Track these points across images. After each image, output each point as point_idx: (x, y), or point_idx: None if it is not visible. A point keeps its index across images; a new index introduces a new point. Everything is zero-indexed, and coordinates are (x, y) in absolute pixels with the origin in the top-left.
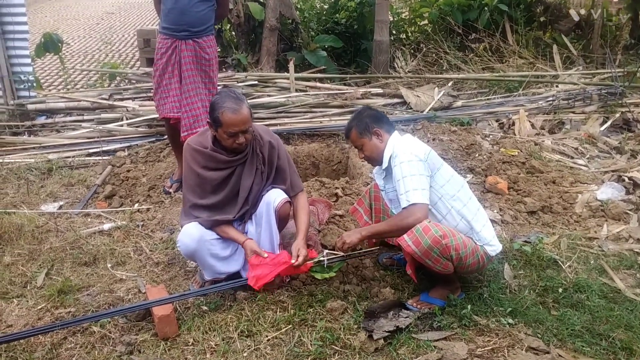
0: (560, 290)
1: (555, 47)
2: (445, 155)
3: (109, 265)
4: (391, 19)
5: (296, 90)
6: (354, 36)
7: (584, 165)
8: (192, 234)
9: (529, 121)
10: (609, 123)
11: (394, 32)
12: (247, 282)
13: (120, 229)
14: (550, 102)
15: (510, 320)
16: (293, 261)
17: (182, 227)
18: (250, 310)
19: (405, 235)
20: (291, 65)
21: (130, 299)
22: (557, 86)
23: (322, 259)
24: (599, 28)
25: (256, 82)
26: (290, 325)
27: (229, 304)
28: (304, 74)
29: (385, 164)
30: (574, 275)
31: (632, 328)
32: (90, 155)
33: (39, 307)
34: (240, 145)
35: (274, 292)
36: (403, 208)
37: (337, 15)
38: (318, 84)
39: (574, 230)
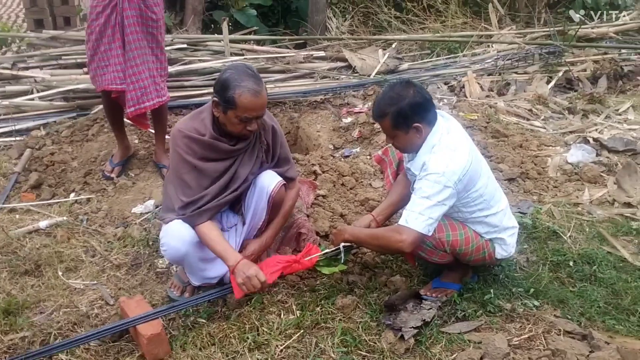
0: (571, 263)
1: (491, 5)
2: None
3: (60, 274)
4: None
5: (231, 54)
6: None
7: (542, 127)
8: (182, 235)
9: (478, 83)
10: (553, 82)
11: None
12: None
13: (61, 226)
14: (493, 62)
15: (536, 302)
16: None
17: (164, 224)
18: (251, 316)
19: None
20: (225, 26)
21: (97, 313)
22: (492, 46)
23: (327, 251)
24: None
25: (185, 46)
26: (302, 331)
27: (223, 310)
28: (238, 36)
29: (417, 171)
30: (577, 246)
31: None
32: None
33: None
34: (250, 132)
35: (271, 292)
36: (397, 224)
37: None
38: (255, 47)
39: (556, 197)
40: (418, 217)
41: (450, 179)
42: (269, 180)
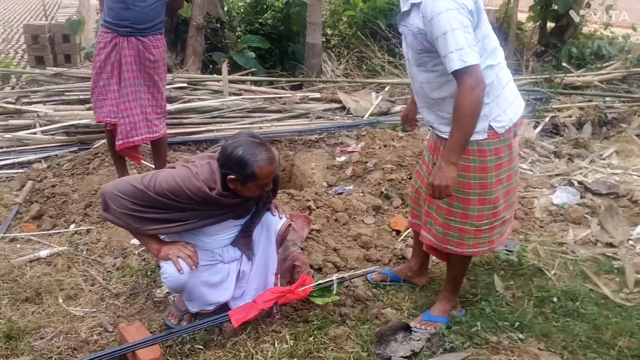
0: (555, 299)
1: None
2: (403, 162)
3: (60, 301)
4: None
5: (230, 94)
6: (279, 37)
7: (529, 170)
8: (183, 264)
9: None
10: (540, 127)
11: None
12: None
13: (61, 255)
14: None
15: (520, 335)
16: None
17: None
18: (246, 344)
19: (423, 232)
20: (224, 67)
21: (97, 340)
22: None
23: (320, 282)
24: (514, 35)
25: (185, 85)
26: (295, 359)
27: (219, 338)
28: (236, 76)
29: (405, 7)
30: (561, 283)
31: (634, 335)
32: (0, 168)
33: None
34: (267, 190)
35: (266, 321)
36: (454, 73)
37: (265, 15)
38: (253, 87)
39: (541, 236)
40: (470, 52)
41: (466, 2)
42: (277, 218)
